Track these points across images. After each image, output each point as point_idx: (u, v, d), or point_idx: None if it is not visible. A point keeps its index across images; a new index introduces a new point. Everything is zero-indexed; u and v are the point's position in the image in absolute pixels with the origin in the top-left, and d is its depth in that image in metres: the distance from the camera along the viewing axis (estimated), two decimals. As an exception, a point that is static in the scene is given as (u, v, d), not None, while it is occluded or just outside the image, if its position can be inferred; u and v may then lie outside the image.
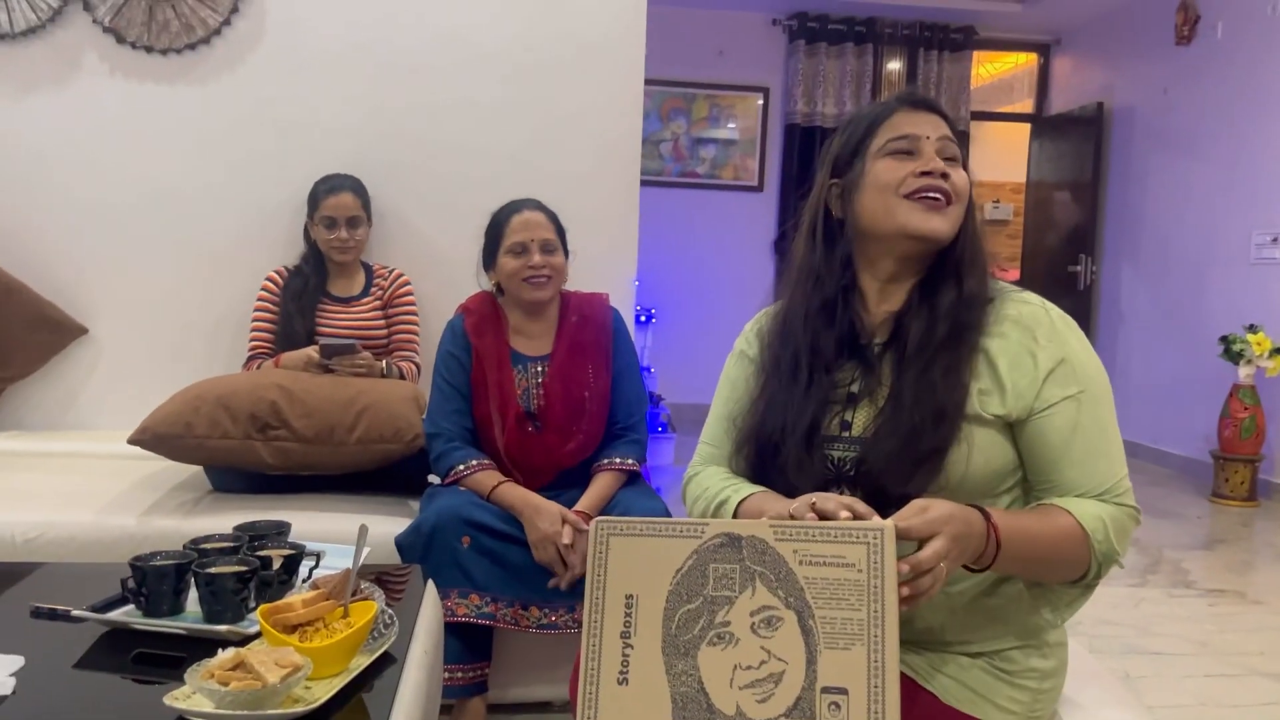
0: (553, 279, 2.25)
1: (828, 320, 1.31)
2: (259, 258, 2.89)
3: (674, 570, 1.02)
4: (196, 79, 2.92)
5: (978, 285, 1.26)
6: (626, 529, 1.04)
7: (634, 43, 3.02)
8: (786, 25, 6.54)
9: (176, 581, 1.39)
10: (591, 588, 1.03)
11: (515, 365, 2.26)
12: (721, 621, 0.99)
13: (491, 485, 2.12)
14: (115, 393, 2.95)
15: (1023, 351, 1.22)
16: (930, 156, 1.26)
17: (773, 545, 1.00)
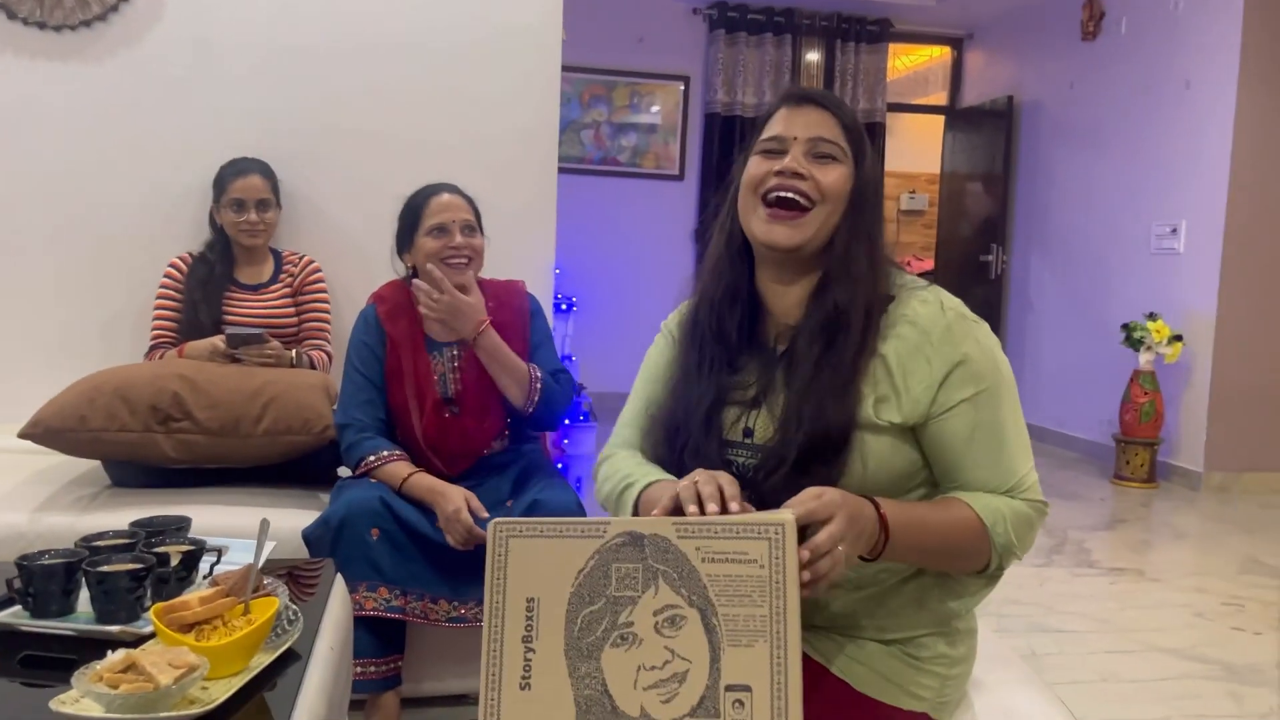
0: (473, 260, 2.24)
1: (730, 309, 1.31)
2: (161, 245, 2.78)
3: (576, 571, 1.00)
4: (92, 57, 2.80)
5: (847, 296, 1.22)
6: (526, 530, 1.02)
7: (550, 28, 2.99)
8: (706, 14, 6.56)
9: (66, 581, 1.34)
10: (491, 591, 1.01)
11: (430, 351, 2.23)
12: (625, 622, 0.98)
13: (403, 476, 2.09)
14: (9, 384, 2.81)
15: (918, 355, 1.20)
16: (792, 157, 1.24)
17: (675, 543, 0.99)
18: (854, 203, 1.26)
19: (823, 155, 1.25)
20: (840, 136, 1.26)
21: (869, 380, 1.21)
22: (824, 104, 1.27)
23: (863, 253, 1.25)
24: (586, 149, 6.61)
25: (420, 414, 2.18)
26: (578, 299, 6.08)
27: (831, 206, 1.25)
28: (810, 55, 6.71)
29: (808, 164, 1.24)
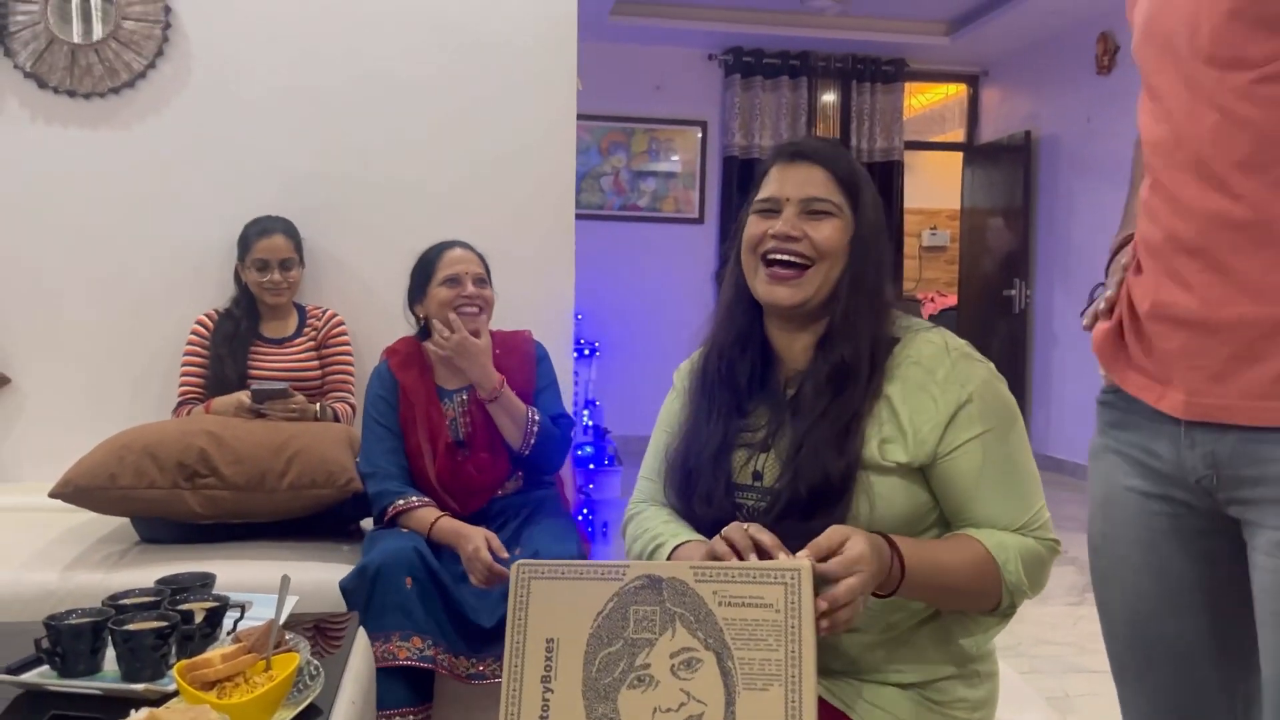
0: (484, 311, 2.32)
1: (740, 357, 1.33)
2: (188, 302, 2.84)
3: (595, 613, 1.01)
4: (121, 123, 2.88)
5: (851, 348, 1.24)
6: (548, 572, 1.04)
7: (566, 80, 3.05)
8: (722, 60, 6.64)
9: (93, 640, 1.36)
10: (512, 631, 1.02)
11: (442, 399, 2.31)
12: (642, 664, 0.99)
13: (431, 521, 2.13)
14: (40, 443, 2.87)
15: (923, 395, 1.21)
16: (785, 219, 1.26)
17: (693, 587, 1.00)
18: (854, 253, 1.27)
19: (816, 213, 1.26)
20: (834, 190, 1.27)
21: (874, 421, 1.22)
22: (816, 159, 1.28)
23: (865, 304, 1.26)
24: (607, 195, 6.68)
25: (433, 457, 2.24)
26: (600, 343, 6.11)
27: (830, 261, 1.26)
28: (826, 96, 6.77)
29: (802, 222, 1.26)
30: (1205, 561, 1.12)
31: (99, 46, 2.84)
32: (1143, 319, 1.12)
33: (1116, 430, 1.21)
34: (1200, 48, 1.03)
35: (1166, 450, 1.12)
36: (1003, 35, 6.33)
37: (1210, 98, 1.03)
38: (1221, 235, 1.03)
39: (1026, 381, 6.45)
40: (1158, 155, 1.10)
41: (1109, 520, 1.20)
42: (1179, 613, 1.14)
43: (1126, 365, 1.16)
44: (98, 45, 2.84)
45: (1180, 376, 1.08)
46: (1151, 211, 1.11)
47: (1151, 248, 1.11)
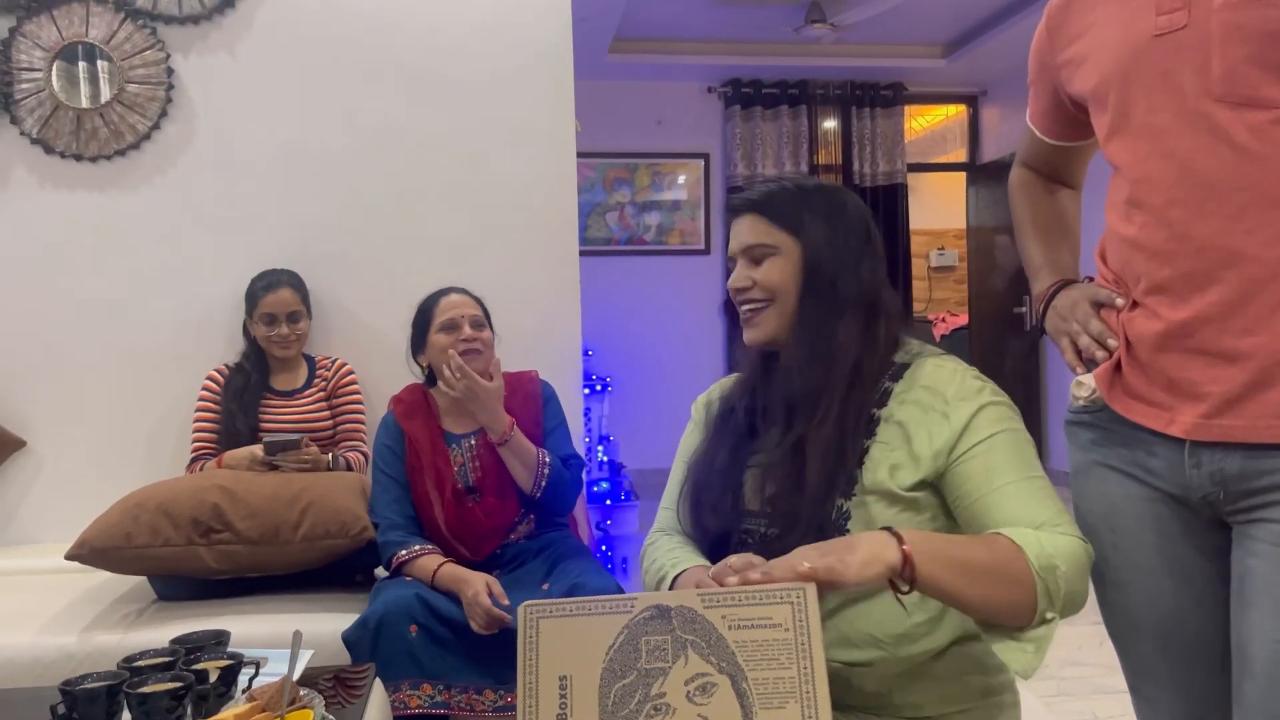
0: (483, 353, 2.32)
1: (749, 391, 1.37)
2: (199, 358, 2.87)
3: (606, 647, 1.02)
4: (128, 184, 2.93)
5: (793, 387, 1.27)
6: (555, 610, 1.04)
7: (563, 124, 3.07)
8: (721, 92, 6.69)
9: (108, 704, 1.36)
10: (524, 672, 1.02)
11: (449, 445, 2.32)
12: (657, 693, 0.99)
13: (433, 569, 2.12)
14: (57, 505, 2.89)
15: (933, 414, 1.22)
16: (736, 273, 1.34)
17: (701, 613, 1.01)
18: (807, 283, 1.30)
19: (758, 258, 1.32)
20: (770, 231, 1.31)
21: (883, 446, 1.23)
22: (750, 208, 1.34)
23: (806, 341, 1.28)
24: (612, 230, 6.71)
25: (441, 504, 2.24)
26: (611, 378, 6.12)
27: (784, 296, 1.30)
28: (827, 123, 6.80)
29: (749, 270, 1.32)
30: (1218, 555, 1.17)
31: (104, 110, 2.89)
32: (1149, 351, 1.16)
33: (1101, 447, 1.25)
34: (1212, 88, 1.07)
35: (1164, 469, 1.17)
36: (999, 55, 6.36)
37: (1222, 135, 1.07)
38: (1236, 269, 1.07)
39: (1041, 398, 6.41)
40: (1156, 193, 1.13)
41: (1117, 531, 1.24)
42: (1202, 607, 1.19)
43: (1128, 395, 1.20)
44: (103, 109, 2.89)
45: (1192, 401, 1.12)
46: (1152, 249, 1.14)
47: (1155, 283, 1.15)
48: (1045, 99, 1.39)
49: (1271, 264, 1.05)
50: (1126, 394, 1.20)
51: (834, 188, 1.36)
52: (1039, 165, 1.49)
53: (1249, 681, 1.08)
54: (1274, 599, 1.06)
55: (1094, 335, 1.24)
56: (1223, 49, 1.06)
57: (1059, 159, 1.46)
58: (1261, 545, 1.09)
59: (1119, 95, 1.17)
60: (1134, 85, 1.15)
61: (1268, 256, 1.05)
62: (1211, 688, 1.20)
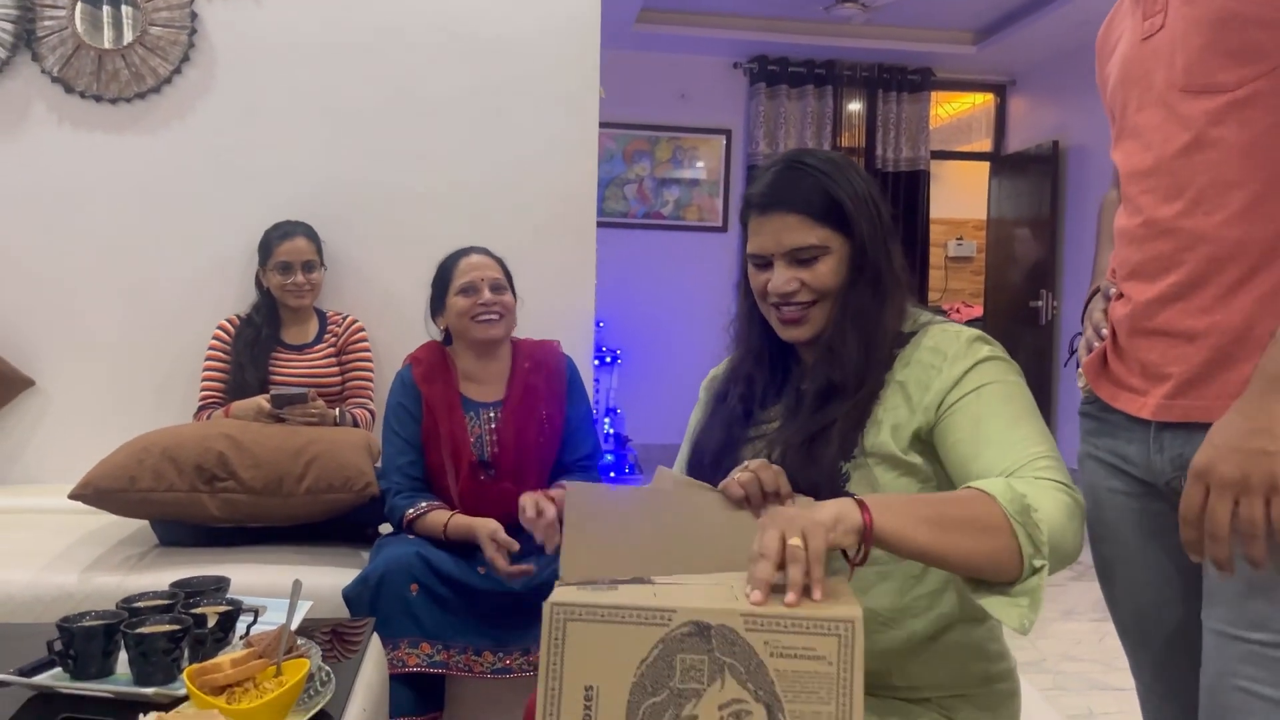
0: (504, 317, 2.27)
1: (754, 366, 1.37)
2: (210, 307, 2.86)
3: (638, 660, 0.95)
4: (146, 128, 2.90)
5: (841, 374, 1.25)
6: (585, 614, 0.96)
7: (588, 90, 3.04)
8: (747, 68, 6.62)
9: (106, 643, 1.36)
10: (547, 677, 0.96)
11: (467, 412, 2.25)
12: (689, 715, 0.94)
13: (443, 522, 2.11)
14: (63, 445, 2.89)
15: (932, 371, 1.22)
16: (779, 276, 1.27)
17: (743, 635, 0.95)
18: (854, 278, 1.28)
19: (804, 259, 1.27)
20: (814, 229, 1.26)
21: (886, 408, 1.23)
22: (786, 206, 1.27)
23: (864, 323, 1.27)
24: (630, 203, 6.67)
25: (456, 477, 2.19)
26: (622, 351, 6.11)
27: (833, 294, 1.28)
28: (852, 105, 6.73)
29: (794, 271, 1.27)
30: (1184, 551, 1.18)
31: (125, 52, 2.86)
32: (1125, 336, 1.23)
33: (1094, 438, 1.31)
34: (1176, 79, 1.14)
35: (1137, 455, 1.22)
36: (1031, 45, 6.28)
37: (1185, 122, 1.13)
38: (1195, 250, 1.12)
39: (1052, 393, 6.38)
40: (1133, 183, 1.21)
41: (1101, 522, 1.30)
42: (1176, 601, 1.24)
43: (1111, 383, 1.26)
44: (124, 50, 2.86)
45: (1158, 383, 1.17)
46: (1129, 235, 1.22)
47: (1130, 268, 1.21)
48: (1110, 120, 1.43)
49: (1229, 244, 1.09)
50: (1110, 381, 1.26)
51: (847, 162, 1.33)
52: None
53: (1204, 672, 1.12)
54: (1224, 594, 1.09)
55: (1095, 326, 1.30)
56: (1185, 41, 1.12)
57: None
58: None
59: (1120, 99, 1.25)
60: (1127, 89, 1.23)
61: (1226, 237, 1.09)
62: (1192, 681, 1.20)
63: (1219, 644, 1.09)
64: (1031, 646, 3.18)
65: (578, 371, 2.40)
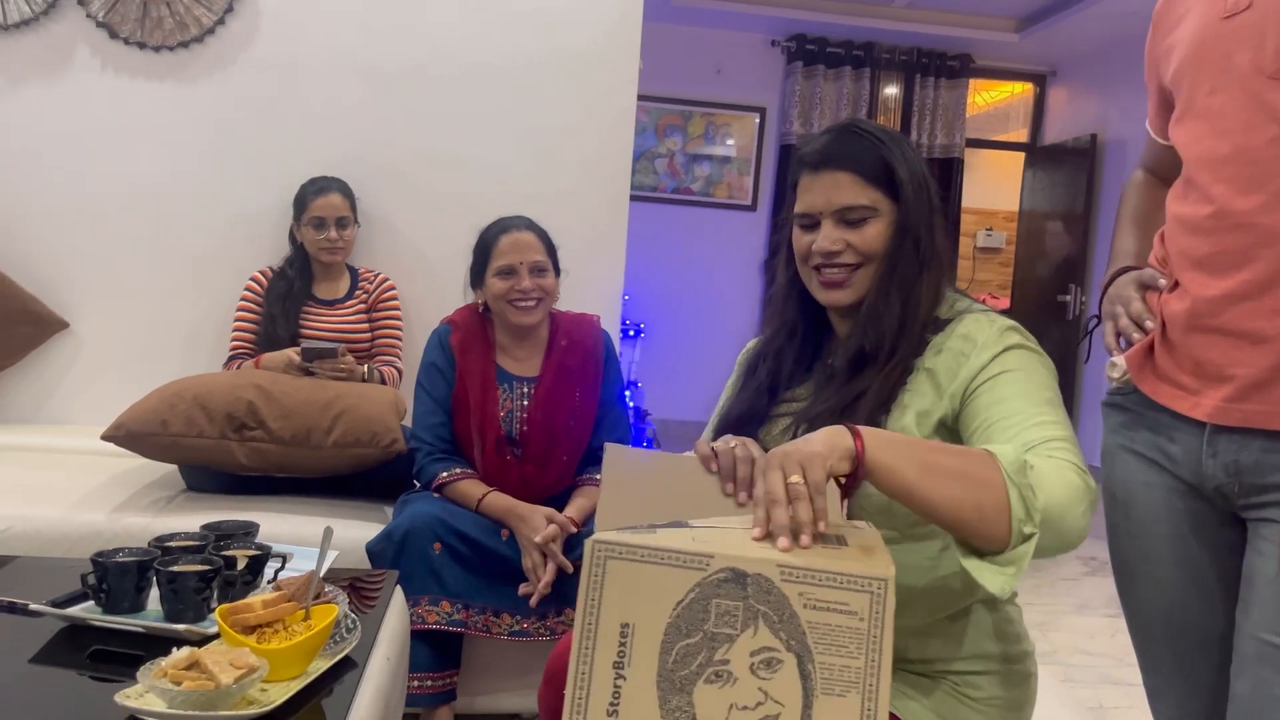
0: (541, 302, 2.22)
1: (788, 339, 1.36)
2: (243, 259, 2.87)
3: (674, 602, 0.97)
4: (188, 77, 2.92)
5: (874, 341, 1.24)
6: (625, 553, 0.98)
7: (628, 58, 3.03)
8: (785, 46, 6.57)
9: (138, 579, 1.38)
10: (584, 612, 0.97)
11: (501, 384, 2.24)
12: (721, 659, 0.96)
13: (479, 496, 2.11)
14: (94, 388, 2.93)
15: (962, 359, 1.21)
16: (825, 235, 1.26)
17: (778, 585, 0.96)
18: (899, 245, 1.26)
19: (854, 220, 1.26)
20: (866, 190, 1.26)
21: (913, 393, 1.22)
22: (841, 163, 1.26)
23: (902, 291, 1.25)
24: (660, 178, 6.65)
25: (481, 450, 2.18)
26: (645, 325, 6.11)
27: (878, 259, 1.27)
28: (888, 89, 6.67)
29: (841, 232, 1.26)
30: (1225, 550, 1.17)
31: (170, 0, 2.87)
32: (1179, 332, 1.17)
33: (1129, 430, 1.26)
34: (1265, 64, 1.08)
35: (1183, 455, 1.18)
36: (1074, 35, 6.20)
37: (1273, 113, 1.07)
38: (1273, 248, 1.07)
39: (1076, 388, 6.34)
40: (1205, 170, 1.14)
41: (1131, 519, 1.25)
42: (1207, 602, 1.20)
43: (1156, 377, 1.21)
44: (169, -1, 2.87)
45: (1216, 384, 1.12)
46: (1194, 224, 1.15)
47: (1193, 260, 1.15)
48: (1155, 97, 1.39)
49: None
50: (1156, 376, 1.21)
51: (902, 135, 1.32)
52: (1154, 167, 1.48)
53: (1239, 680, 1.09)
54: (1270, 601, 1.06)
55: (1133, 316, 1.25)
56: (1279, 26, 1.06)
57: (1169, 160, 1.42)
58: (1267, 545, 1.09)
59: (1190, 79, 1.18)
60: (1201, 68, 1.16)
61: None
62: (1217, 681, 1.20)
63: (1259, 651, 1.06)
64: (1044, 639, 3.18)
65: (614, 349, 2.36)
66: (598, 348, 2.29)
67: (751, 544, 0.99)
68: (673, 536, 0.99)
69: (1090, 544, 4.46)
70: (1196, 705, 1.24)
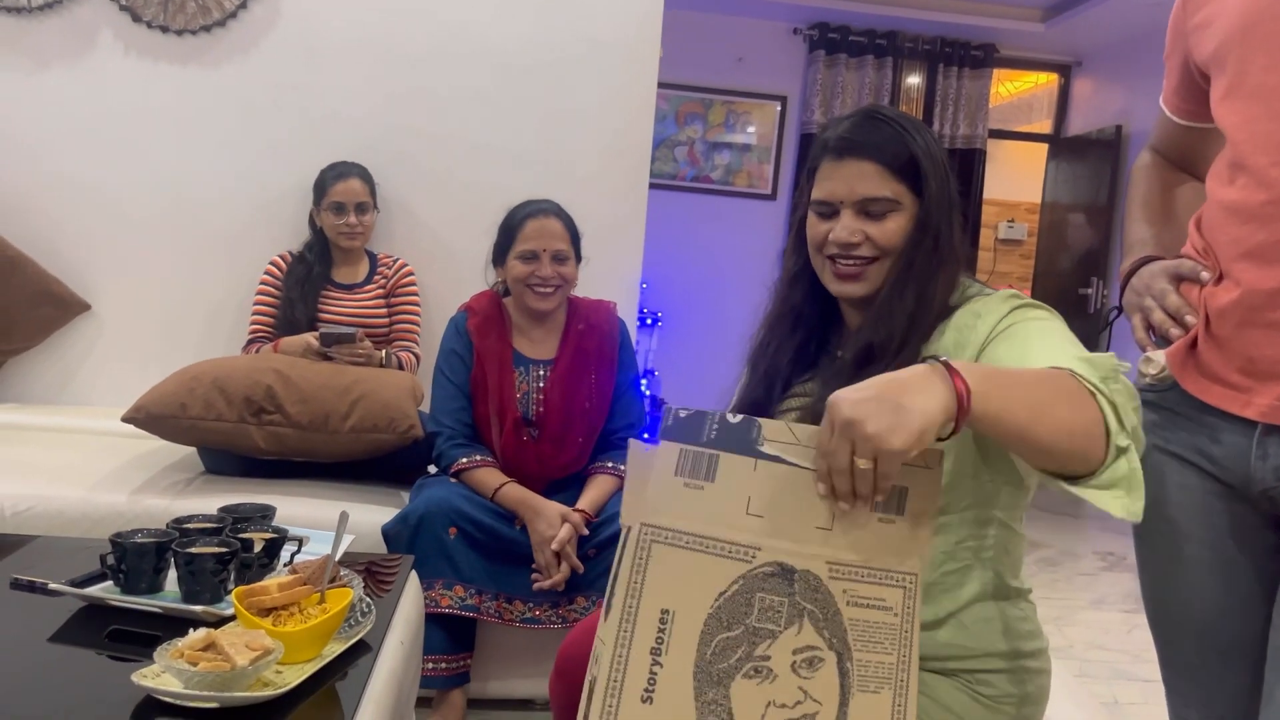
0: (560, 289, 2.24)
1: (793, 326, 1.34)
2: (263, 243, 2.89)
3: (717, 592, 0.94)
4: (210, 61, 2.93)
5: (884, 336, 1.21)
6: (671, 538, 0.96)
7: (649, 44, 3.02)
8: (807, 35, 6.53)
9: (156, 560, 1.39)
10: (625, 594, 0.95)
11: (517, 367, 2.25)
12: (761, 655, 0.94)
13: (496, 485, 2.12)
14: (115, 370, 2.95)
15: (968, 331, 1.19)
16: (844, 225, 1.23)
17: (826, 583, 0.95)
18: (917, 239, 1.24)
19: (875, 212, 1.24)
20: (889, 182, 1.23)
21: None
22: (865, 152, 1.23)
23: (918, 286, 1.23)
24: (680, 165, 6.63)
25: (499, 431, 2.20)
26: (663, 314, 6.10)
27: (895, 254, 1.25)
28: (911, 79, 6.62)
29: (860, 224, 1.24)
30: (1266, 554, 1.13)
31: (193, -16, 2.88)
32: (1230, 326, 1.10)
33: (1163, 430, 1.19)
34: None
35: (1228, 457, 1.12)
36: (1100, 25, 6.12)
37: None
38: None
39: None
40: (1262, 153, 1.06)
41: (1165, 520, 1.18)
42: (1247, 607, 1.15)
43: (1202, 375, 1.14)
44: (192, -17, 2.88)
45: (1273, 382, 1.06)
46: (1247, 212, 1.08)
47: (1250, 252, 1.08)
48: (1177, 74, 1.32)
49: None
50: (1201, 374, 1.14)
51: (922, 123, 1.30)
52: (1166, 150, 1.42)
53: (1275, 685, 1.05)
54: None
55: (1170, 310, 1.18)
56: None
57: (1187, 143, 1.36)
58: None
59: (1238, 55, 1.11)
60: (1253, 44, 1.08)
61: None
62: (1245, 689, 1.17)
63: None
64: (1059, 634, 3.17)
65: (629, 336, 2.38)
66: (614, 333, 2.31)
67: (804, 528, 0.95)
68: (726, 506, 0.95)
69: (1106, 539, 4.44)
70: (1225, 710, 1.21)
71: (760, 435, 0.97)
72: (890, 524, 0.96)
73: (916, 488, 0.96)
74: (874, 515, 0.96)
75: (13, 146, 2.89)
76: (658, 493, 0.97)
